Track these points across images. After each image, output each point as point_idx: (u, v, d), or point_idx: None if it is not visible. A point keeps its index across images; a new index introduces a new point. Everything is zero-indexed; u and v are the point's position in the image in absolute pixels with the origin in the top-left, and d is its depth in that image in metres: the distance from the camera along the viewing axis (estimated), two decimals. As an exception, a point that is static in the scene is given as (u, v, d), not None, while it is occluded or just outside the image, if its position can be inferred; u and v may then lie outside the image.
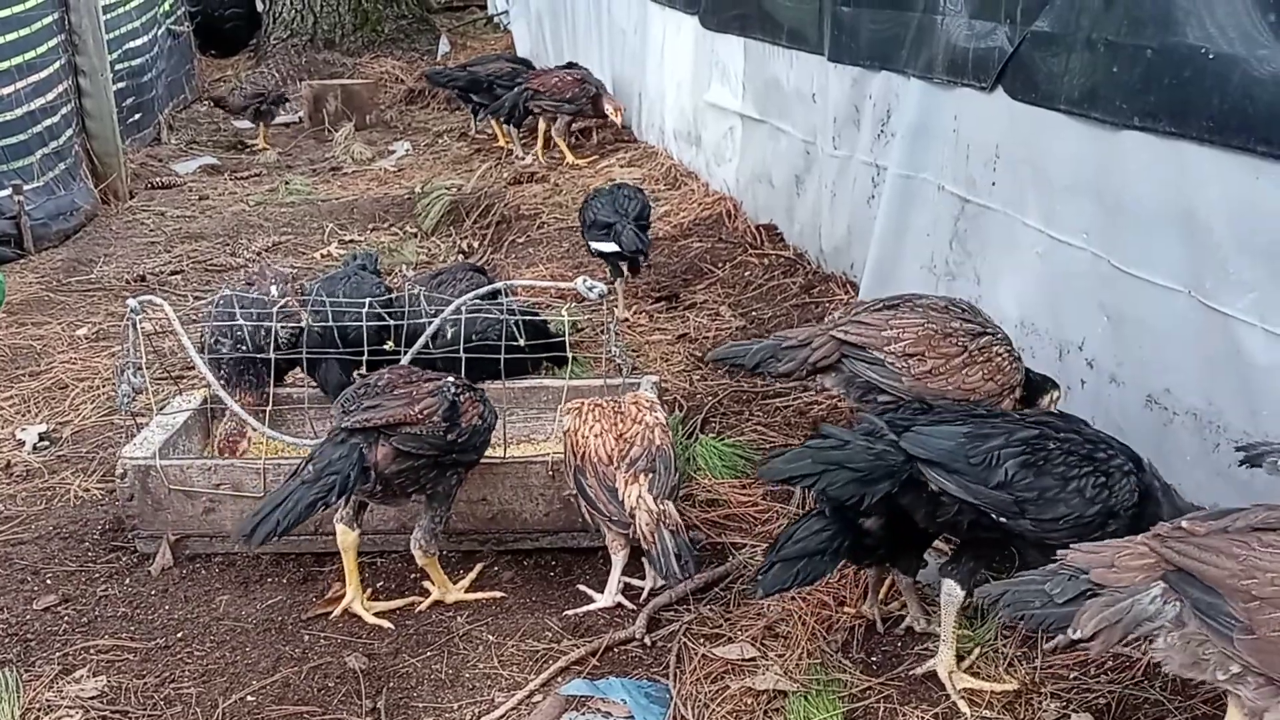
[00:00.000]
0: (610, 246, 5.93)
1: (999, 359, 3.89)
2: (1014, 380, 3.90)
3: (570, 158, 9.29)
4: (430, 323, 4.48)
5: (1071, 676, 3.28)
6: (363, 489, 3.68)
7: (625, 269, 6.11)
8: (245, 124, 11.53)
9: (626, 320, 6.10)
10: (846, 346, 3.89)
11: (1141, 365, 4.01)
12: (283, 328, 4.52)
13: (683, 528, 3.63)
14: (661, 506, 3.62)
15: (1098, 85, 4.01)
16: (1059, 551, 2.67)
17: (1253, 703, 2.43)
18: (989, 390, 3.81)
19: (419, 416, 3.68)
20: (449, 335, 4.52)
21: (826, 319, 4.10)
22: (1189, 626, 2.44)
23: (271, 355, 4.48)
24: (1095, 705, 3.16)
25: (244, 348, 4.51)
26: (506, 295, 4.79)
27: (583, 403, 3.91)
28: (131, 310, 4.33)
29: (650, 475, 3.68)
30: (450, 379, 3.90)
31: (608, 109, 9.21)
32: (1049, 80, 4.29)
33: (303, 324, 4.59)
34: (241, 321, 4.54)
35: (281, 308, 4.56)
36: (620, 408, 3.88)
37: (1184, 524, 2.51)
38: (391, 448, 3.64)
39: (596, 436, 3.75)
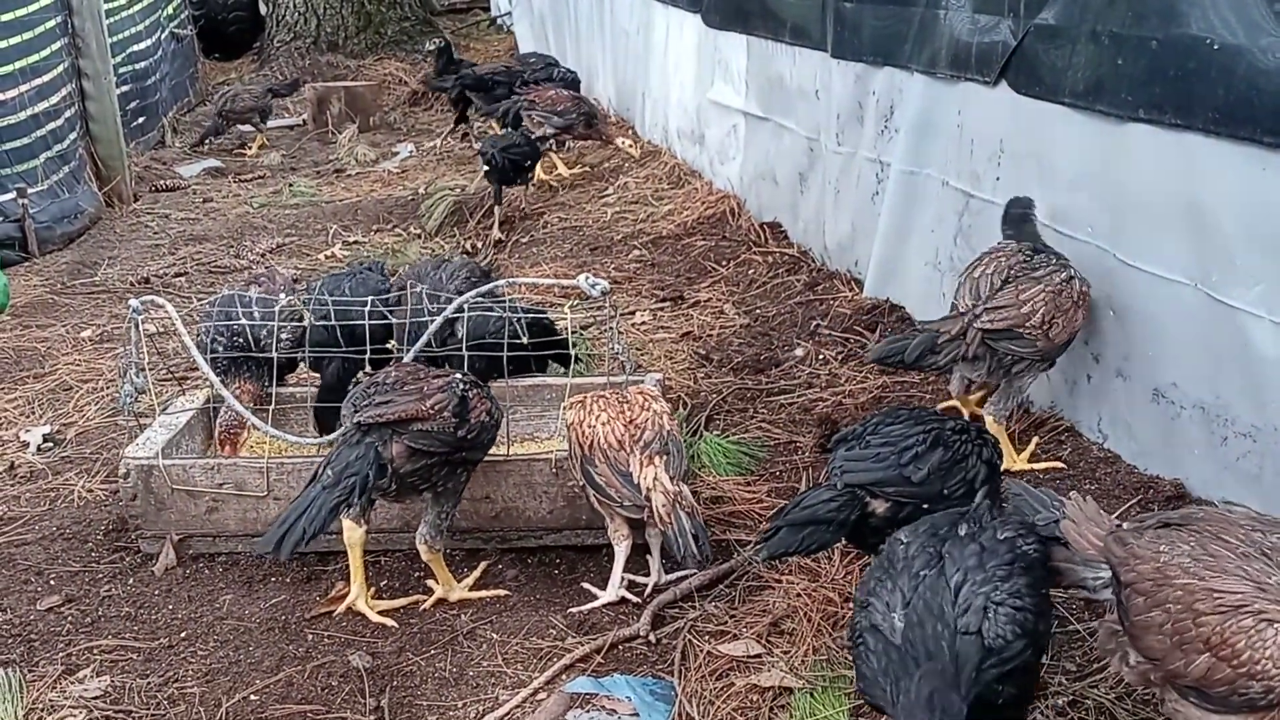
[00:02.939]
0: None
1: (1088, 292, 4.13)
2: (1088, 300, 4.17)
3: (562, 170, 9.06)
4: (432, 320, 4.46)
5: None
6: (378, 487, 3.68)
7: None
8: (247, 127, 11.54)
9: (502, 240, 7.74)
10: (992, 335, 4.06)
11: (1148, 359, 3.99)
12: (284, 328, 4.51)
13: (698, 510, 3.61)
14: (677, 487, 3.60)
15: (1102, 78, 4.00)
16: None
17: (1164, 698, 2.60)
18: (1083, 322, 4.14)
19: (430, 412, 3.67)
20: (460, 334, 4.51)
21: (963, 314, 4.13)
22: (1111, 614, 2.69)
23: (274, 354, 4.46)
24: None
25: (240, 340, 4.49)
26: (502, 293, 4.77)
27: (586, 396, 3.89)
28: (134, 311, 4.33)
29: (665, 458, 3.66)
30: (458, 375, 3.89)
31: (619, 142, 8.91)
32: (1053, 73, 4.27)
33: (304, 324, 4.58)
34: (242, 321, 4.52)
35: (284, 307, 4.55)
36: (625, 397, 3.86)
37: (1126, 524, 2.72)
38: (405, 445, 3.64)
39: (604, 424, 3.73)
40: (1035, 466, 4.19)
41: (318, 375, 4.72)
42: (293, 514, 3.50)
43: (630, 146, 8.88)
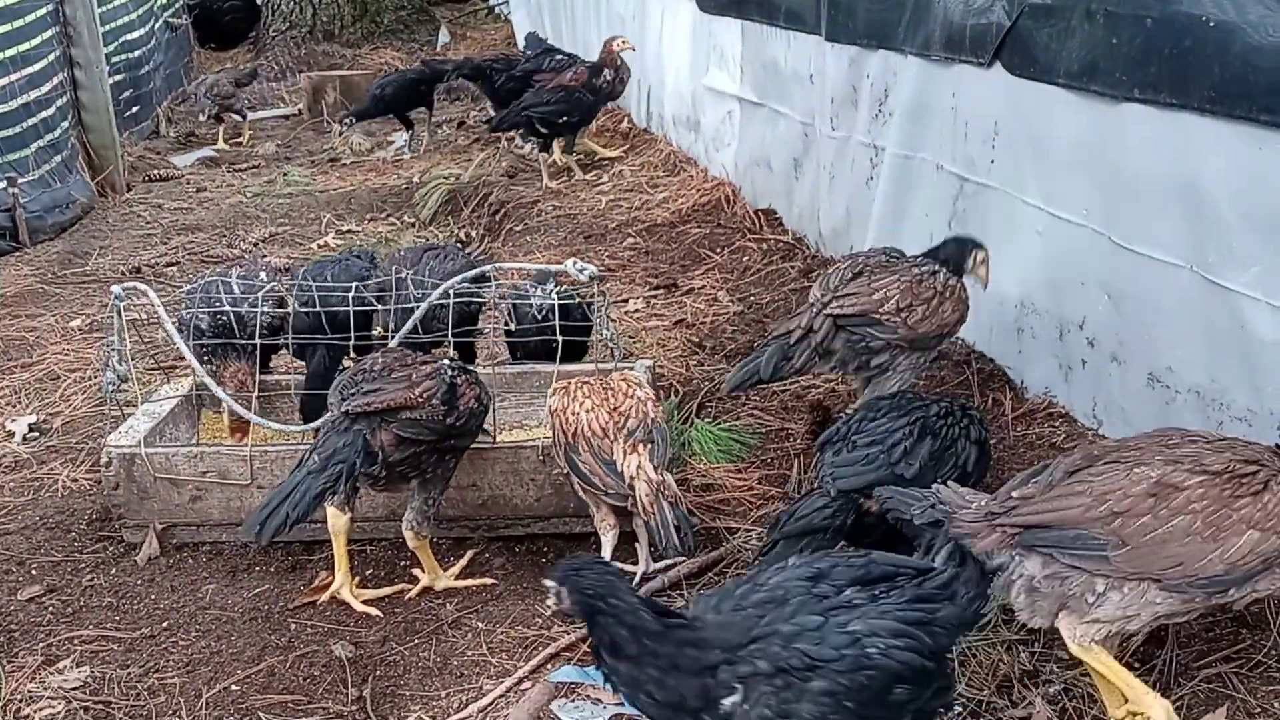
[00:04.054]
0: None
1: (959, 290, 4.08)
2: (968, 305, 4.12)
3: (557, 157, 8.84)
4: (418, 306, 4.41)
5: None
6: (367, 474, 3.63)
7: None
8: (238, 117, 11.49)
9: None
10: (844, 319, 3.94)
11: (1143, 343, 3.93)
12: (266, 311, 4.46)
13: (681, 500, 3.56)
14: (661, 476, 3.55)
15: (1097, 57, 3.93)
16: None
17: (1123, 610, 2.71)
18: (955, 320, 4.06)
19: (419, 399, 3.62)
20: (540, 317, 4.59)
21: (810, 304, 4.06)
22: (1049, 569, 2.73)
23: (257, 341, 4.41)
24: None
25: (223, 319, 4.44)
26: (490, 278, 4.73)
27: (569, 382, 3.84)
28: (116, 297, 4.27)
29: (649, 446, 3.61)
30: (445, 362, 3.84)
31: (613, 47, 8.51)
32: (1047, 54, 4.21)
33: (286, 309, 4.54)
34: (224, 301, 4.47)
35: (266, 292, 4.50)
36: (609, 384, 3.81)
37: (1015, 494, 2.79)
38: (393, 434, 3.59)
39: (588, 412, 3.68)
40: None
41: (303, 363, 4.68)
42: (276, 498, 3.46)
43: (621, 47, 8.51)
